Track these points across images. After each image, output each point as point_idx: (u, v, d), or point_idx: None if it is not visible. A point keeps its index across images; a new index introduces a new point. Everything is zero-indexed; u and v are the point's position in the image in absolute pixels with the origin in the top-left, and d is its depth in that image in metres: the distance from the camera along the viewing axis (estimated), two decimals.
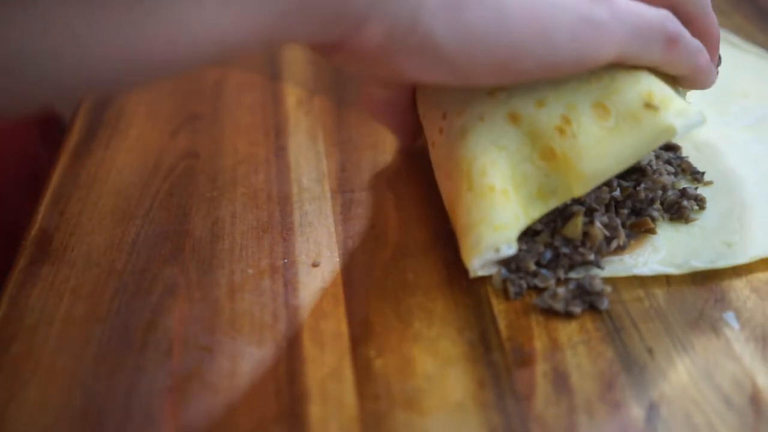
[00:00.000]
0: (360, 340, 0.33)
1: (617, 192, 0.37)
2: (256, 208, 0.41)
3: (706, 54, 0.37)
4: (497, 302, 0.35)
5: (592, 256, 0.35)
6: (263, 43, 0.29)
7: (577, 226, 0.35)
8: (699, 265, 0.36)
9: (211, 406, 0.31)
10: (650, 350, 0.32)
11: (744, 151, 0.43)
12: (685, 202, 0.38)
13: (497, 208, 0.34)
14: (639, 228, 0.37)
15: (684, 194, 0.39)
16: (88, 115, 0.51)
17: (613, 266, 0.36)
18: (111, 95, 0.52)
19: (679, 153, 0.42)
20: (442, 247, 0.38)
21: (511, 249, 0.33)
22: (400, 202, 0.41)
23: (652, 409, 0.30)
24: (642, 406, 0.30)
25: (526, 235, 0.36)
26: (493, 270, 0.35)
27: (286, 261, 0.38)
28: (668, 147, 0.42)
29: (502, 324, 0.34)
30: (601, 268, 0.36)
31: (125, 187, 0.43)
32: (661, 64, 0.35)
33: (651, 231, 0.37)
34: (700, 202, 0.39)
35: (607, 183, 0.37)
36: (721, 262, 0.36)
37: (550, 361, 0.32)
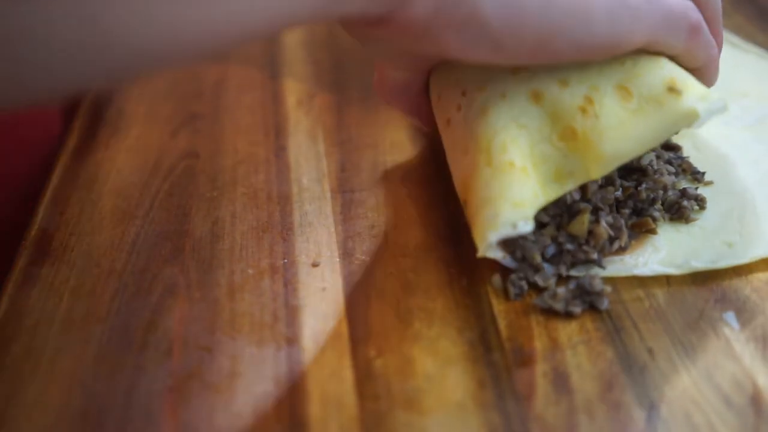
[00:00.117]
0: (360, 340, 0.33)
1: (619, 192, 0.37)
2: (256, 208, 0.41)
3: (717, 50, 0.38)
4: (497, 302, 0.35)
5: (595, 255, 0.35)
6: (315, 16, 0.29)
7: (584, 223, 0.35)
8: (699, 265, 0.36)
9: (211, 406, 0.31)
10: (650, 350, 0.32)
11: (744, 151, 0.43)
12: (685, 202, 0.38)
13: (516, 184, 0.34)
14: (640, 228, 0.37)
15: (684, 194, 0.39)
16: (88, 115, 0.51)
17: (613, 266, 0.36)
18: (123, 85, 0.52)
19: (680, 153, 0.42)
20: (442, 247, 0.38)
21: (528, 226, 0.33)
22: (400, 202, 0.41)
23: (652, 409, 0.30)
24: (642, 406, 0.30)
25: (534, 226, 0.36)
26: (499, 255, 0.35)
27: (286, 261, 0.38)
28: (669, 147, 0.42)
29: (502, 324, 0.34)
30: (603, 267, 0.36)
31: (125, 187, 0.43)
32: (682, 53, 0.36)
33: (652, 231, 0.37)
34: (700, 202, 0.39)
35: (612, 183, 0.37)
36: (722, 262, 0.36)
37: (550, 361, 0.32)
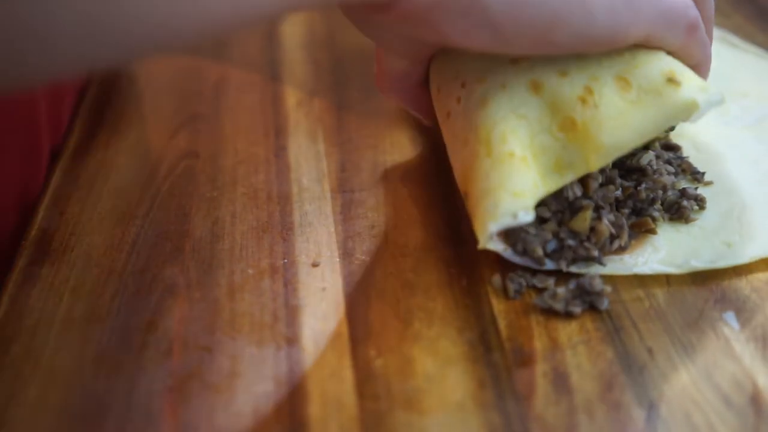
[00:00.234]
0: (360, 340, 0.33)
1: (619, 191, 0.37)
2: (256, 208, 0.41)
3: (711, 49, 0.38)
4: (497, 302, 0.35)
5: (595, 252, 0.35)
6: (322, 1, 0.29)
7: (586, 220, 0.35)
8: (699, 265, 0.36)
9: (211, 406, 0.31)
10: (650, 350, 0.32)
11: (744, 151, 0.43)
12: (685, 202, 0.38)
13: (516, 174, 0.34)
14: (640, 228, 0.37)
15: (684, 194, 0.39)
16: (88, 115, 0.51)
17: (613, 265, 0.36)
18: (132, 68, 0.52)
19: (680, 153, 0.42)
20: (442, 247, 0.38)
21: (528, 216, 0.33)
22: (400, 202, 0.41)
23: (652, 409, 0.30)
24: (642, 406, 0.30)
25: (535, 220, 0.36)
26: (500, 247, 0.35)
27: (286, 261, 0.38)
28: (669, 147, 0.42)
29: (502, 324, 0.34)
30: (603, 264, 0.36)
31: (125, 187, 0.43)
32: (679, 49, 0.36)
33: (651, 231, 0.37)
34: (700, 202, 0.39)
35: (613, 182, 0.37)
36: (721, 262, 0.36)
37: (550, 361, 0.32)
